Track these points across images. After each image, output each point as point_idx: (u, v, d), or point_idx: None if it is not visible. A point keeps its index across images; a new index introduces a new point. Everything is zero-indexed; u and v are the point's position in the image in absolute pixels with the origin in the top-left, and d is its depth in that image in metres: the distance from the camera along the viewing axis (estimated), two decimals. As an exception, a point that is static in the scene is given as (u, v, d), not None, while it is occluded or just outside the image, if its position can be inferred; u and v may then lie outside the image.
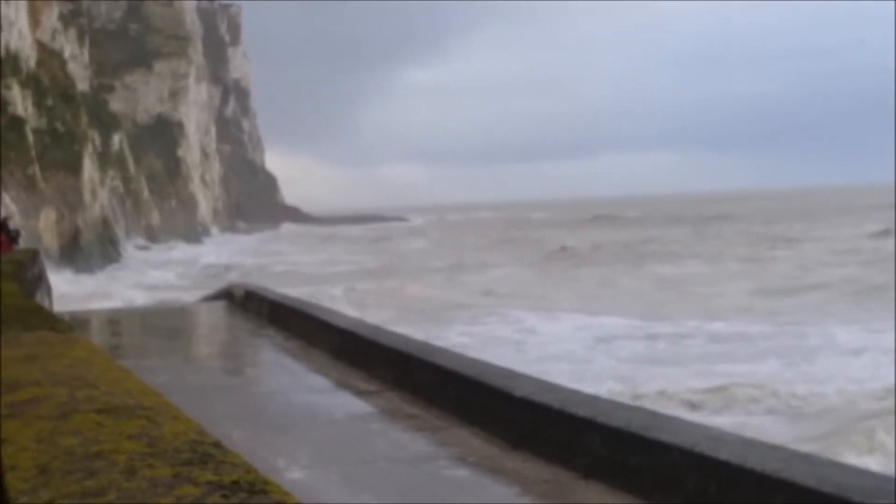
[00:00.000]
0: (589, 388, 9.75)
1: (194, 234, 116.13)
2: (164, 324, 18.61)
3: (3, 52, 59.69)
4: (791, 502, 5.04)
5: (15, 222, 42.84)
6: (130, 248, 79.16)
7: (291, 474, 6.89)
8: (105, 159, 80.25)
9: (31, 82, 64.02)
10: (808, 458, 5.58)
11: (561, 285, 46.38)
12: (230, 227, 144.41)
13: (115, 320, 19.63)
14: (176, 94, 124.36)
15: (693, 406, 17.85)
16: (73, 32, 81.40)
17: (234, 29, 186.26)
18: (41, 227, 59.00)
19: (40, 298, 18.86)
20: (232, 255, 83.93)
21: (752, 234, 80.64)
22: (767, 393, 18.70)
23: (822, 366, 21.71)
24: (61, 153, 65.67)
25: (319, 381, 11.08)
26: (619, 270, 52.68)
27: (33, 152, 60.38)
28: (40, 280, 21.21)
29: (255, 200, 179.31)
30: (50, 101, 66.69)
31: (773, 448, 5.84)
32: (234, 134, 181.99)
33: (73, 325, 6.68)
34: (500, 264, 60.39)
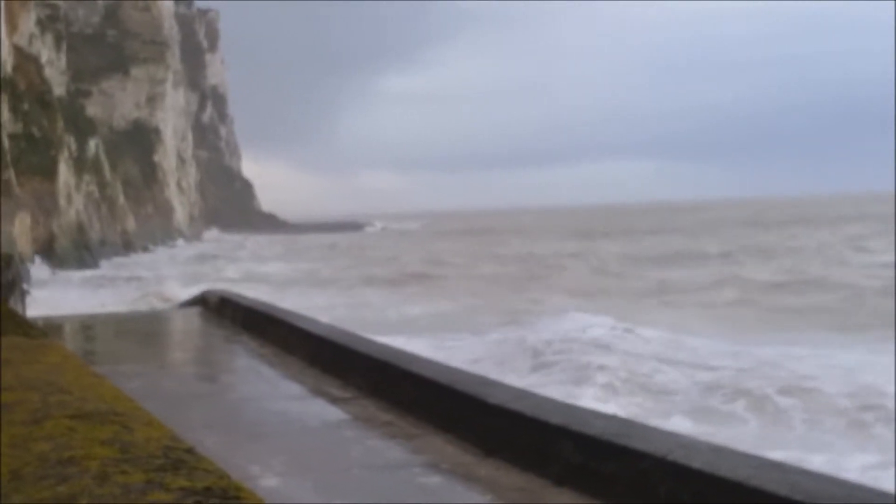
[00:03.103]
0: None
1: (168, 240, 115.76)
2: (139, 330, 18.54)
3: (-22, 56, 59.42)
4: (762, 510, 5.08)
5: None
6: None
7: (265, 481, 6.89)
8: (81, 165, 79.88)
9: (7, 87, 63.68)
10: (779, 466, 5.62)
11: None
12: (198, 236, 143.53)
13: (88, 325, 19.54)
14: (153, 100, 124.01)
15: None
16: (50, 37, 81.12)
17: (212, 35, 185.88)
18: (16, 233, 58.68)
19: (14, 303, 18.77)
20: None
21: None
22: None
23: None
24: (37, 158, 65.36)
25: (294, 388, 11.07)
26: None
27: (9, 157, 60.07)
28: (14, 285, 21.09)
29: (231, 207, 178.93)
30: (26, 106, 66.36)
31: (745, 456, 5.87)
32: (211, 140, 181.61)
33: (46, 331, 6.67)
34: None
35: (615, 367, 20.40)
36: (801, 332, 28.92)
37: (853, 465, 13.61)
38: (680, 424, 15.66)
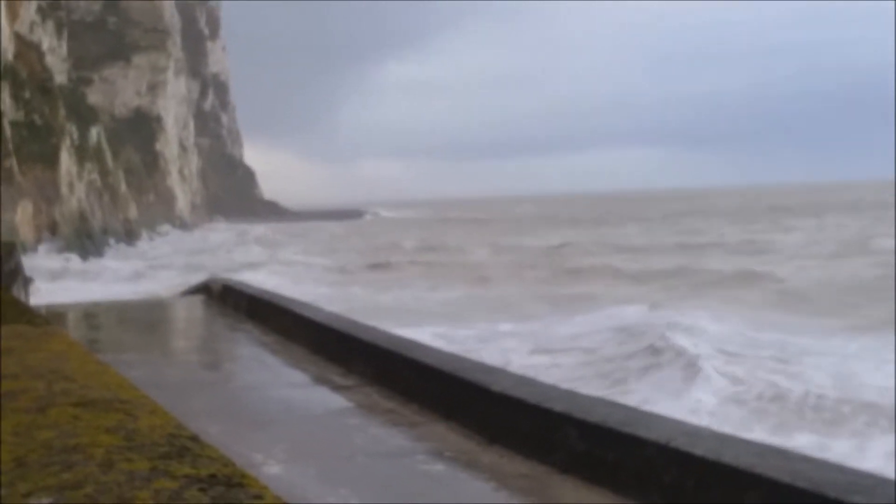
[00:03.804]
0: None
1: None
2: (142, 318, 18.55)
3: (-20, 44, 59.35)
4: (766, 497, 5.08)
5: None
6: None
7: (269, 469, 6.90)
8: (83, 153, 79.83)
9: (9, 75, 63.62)
10: (782, 454, 5.62)
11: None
12: (198, 224, 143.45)
13: (92, 314, 19.54)
14: (154, 88, 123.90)
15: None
16: (51, 25, 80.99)
17: (213, 23, 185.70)
18: (18, 221, 58.69)
19: (17, 292, 18.77)
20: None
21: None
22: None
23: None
24: (39, 146, 65.33)
25: (297, 376, 11.08)
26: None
27: (10, 145, 60.04)
28: (17, 273, 21.11)
29: (233, 195, 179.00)
30: (27, 94, 66.31)
31: (748, 443, 5.88)
32: (213, 128, 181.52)
33: (49, 319, 6.67)
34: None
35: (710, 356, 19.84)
36: (810, 318, 28.62)
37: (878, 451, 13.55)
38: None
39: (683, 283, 41.43)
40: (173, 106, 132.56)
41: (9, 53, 65.30)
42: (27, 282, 24.11)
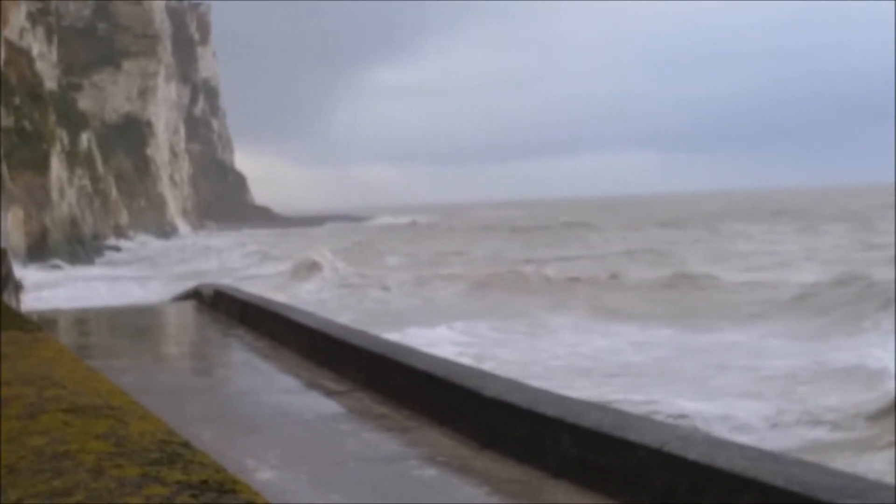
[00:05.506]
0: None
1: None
2: (133, 323, 18.51)
3: (-30, 50, 59.24)
4: (759, 501, 5.08)
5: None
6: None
7: (261, 474, 6.88)
8: (73, 158, 79.69)
9: (-1, 81, 63.56)
10: (775, 458, 5.62)
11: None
12: (200, 227, 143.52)
13: (83, 320, 19.51)
14: (145, 93, 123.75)
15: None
16: (41, 31, 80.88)
17: (204, 28, 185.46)
18: (8, 227, 58.54)
19: (7, 298, 18.74)
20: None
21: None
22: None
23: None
24: (29, 152, 65.23)
25: (289, 382, 11.06)
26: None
27: (0, 151, 59.95)
28: (8, 280, 21.05)
29: (224, 200, 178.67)
30: (17, 100, 66.21)
31: (741, 447, 5.88)
32: (204, 133, 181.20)
33: (41, 325, 6.64)
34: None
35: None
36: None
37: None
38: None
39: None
40: (164, 111, 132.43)
41: (-1, 59, 65.22)
42: (18, 288, 24.05)
